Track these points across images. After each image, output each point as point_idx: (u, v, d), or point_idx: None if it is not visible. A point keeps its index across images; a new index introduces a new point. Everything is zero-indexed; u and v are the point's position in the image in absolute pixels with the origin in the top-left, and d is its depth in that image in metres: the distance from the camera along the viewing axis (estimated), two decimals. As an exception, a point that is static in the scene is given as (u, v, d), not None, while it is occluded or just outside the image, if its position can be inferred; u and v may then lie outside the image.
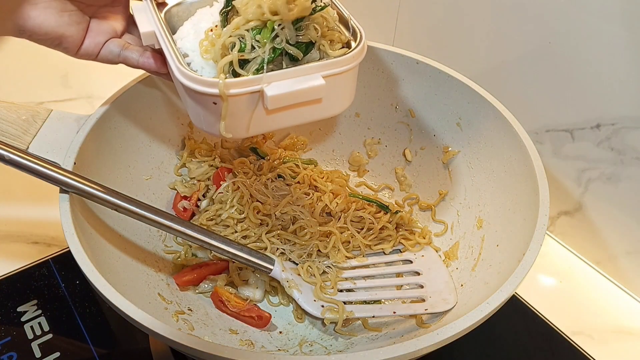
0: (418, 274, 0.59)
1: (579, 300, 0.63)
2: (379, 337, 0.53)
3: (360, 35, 0.43)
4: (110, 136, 0.56)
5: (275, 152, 0.71)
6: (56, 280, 0.62)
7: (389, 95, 0.67)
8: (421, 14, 0.76)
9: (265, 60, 0.39)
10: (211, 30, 0.43)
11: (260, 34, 0.40)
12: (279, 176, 0.67)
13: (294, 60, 0.41)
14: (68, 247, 0.42)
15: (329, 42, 0.42)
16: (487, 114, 0.57)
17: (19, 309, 0.59)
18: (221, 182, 0.65)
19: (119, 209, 0.47)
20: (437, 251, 0.62)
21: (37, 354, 0.55)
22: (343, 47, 0.43)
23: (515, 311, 0.61)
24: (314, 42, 0.41)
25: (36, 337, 0.56)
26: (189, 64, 0.43)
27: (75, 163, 0.49)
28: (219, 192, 0.64)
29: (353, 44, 0.43)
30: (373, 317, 0.54)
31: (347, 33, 0.44)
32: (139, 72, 0.57)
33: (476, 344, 0.57)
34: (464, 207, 0.61)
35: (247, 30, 0.40)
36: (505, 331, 0.59)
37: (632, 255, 0.62)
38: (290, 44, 0.40)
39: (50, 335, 0.56)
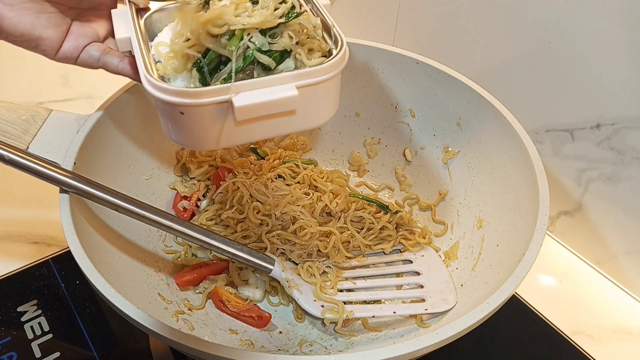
0: (418, 274, 0.59)
1: (579, 300, 0.63)
2: (379, 337, 0.53)
3: (341, 43, 0.40)
4: (110, 136, 0.56)
5: (275, 152, 0.71)
6: (56, 280, 0.62)
7: (389, 95, 0.66)
8: (421, 14, 0.76)
9: (233, 69, 0.37)
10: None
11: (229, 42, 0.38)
12: (279, 176, 0.67)
13: (267, 70, 0.39)
14: (68, 247, 0.42)
15: (307, 50, 0.40)
16: (487, 114, 0.57)
17: (19, 309, 0.59)
18: (221, 182, 0.65)
19: (119, 209, 0.47)
20: (437, 251, 0.62)
21: (37, 354, 0.55)
22: (324, 56, 0.40)
23: (515, 311, 0.61)
24: (289, 50, 0.39)
25: (36, 337, 0.56)
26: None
27: (75, 163, 0.49)
28: (219, 192, 0.64)
29: (334, 52, 0.40)
30: (373, 317, 0.54)
31: (329, 41, 0.41)
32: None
33: (476, 344, 0.57)
34: (464, 207, 0.61)
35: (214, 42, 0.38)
36: (505, 331, 0.59)
37: (632, 255, 0.62)
38: (261, 52, 0.38)
39: (50, 336, 0.56)
